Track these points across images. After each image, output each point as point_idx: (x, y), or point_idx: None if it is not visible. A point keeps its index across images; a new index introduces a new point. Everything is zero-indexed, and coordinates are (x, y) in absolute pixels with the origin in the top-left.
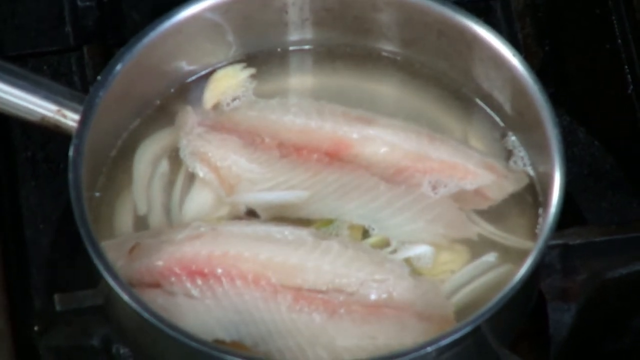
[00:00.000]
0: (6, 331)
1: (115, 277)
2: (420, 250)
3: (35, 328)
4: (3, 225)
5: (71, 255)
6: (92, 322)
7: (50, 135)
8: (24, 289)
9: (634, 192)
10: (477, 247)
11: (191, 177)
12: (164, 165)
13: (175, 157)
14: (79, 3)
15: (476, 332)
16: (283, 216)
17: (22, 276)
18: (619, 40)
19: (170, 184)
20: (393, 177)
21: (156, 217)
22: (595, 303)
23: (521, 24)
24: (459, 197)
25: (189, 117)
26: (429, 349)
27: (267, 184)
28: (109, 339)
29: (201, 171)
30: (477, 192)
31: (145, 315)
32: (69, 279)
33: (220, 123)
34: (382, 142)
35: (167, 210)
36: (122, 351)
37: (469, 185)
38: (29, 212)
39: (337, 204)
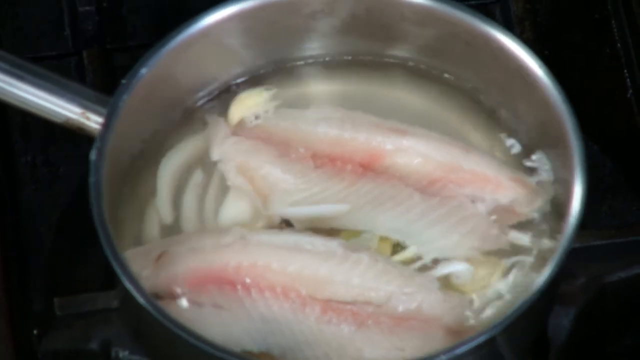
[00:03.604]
0: (6, 334)
1: (137, 286)
2: (459, 268)
3: (35, 331)
4: (3, 228)
5: (71, 259)
6: (92, 325)
7: (50, 139)
8: (24, 292)
9: (633, 196)
10: (508, 256)
11: (222, 188)
12: (198, 175)
13: (206, 167)
14: (79, 7)
15: (491, 342)
16: (317, 227)
17: (22, 280)
18: (619, 45)
19: (203, 193)
20: (426, 188)
21: (190, 227)
22: (594, 307)
23: (520, 28)
24: (493, 212)
25: (221, 127)
26: (442, 357)
27: (301, 194)
28: (109, 343)
29: (237, 181)
30: (507, 208)
31: (171, 326)
32: (68, 283)
33: (254, 133)
34: (416, 153)
35: (202, 220)
36: (121, 355)
37: (503, 198)
38: (28, 215)
39: (371, 214)
